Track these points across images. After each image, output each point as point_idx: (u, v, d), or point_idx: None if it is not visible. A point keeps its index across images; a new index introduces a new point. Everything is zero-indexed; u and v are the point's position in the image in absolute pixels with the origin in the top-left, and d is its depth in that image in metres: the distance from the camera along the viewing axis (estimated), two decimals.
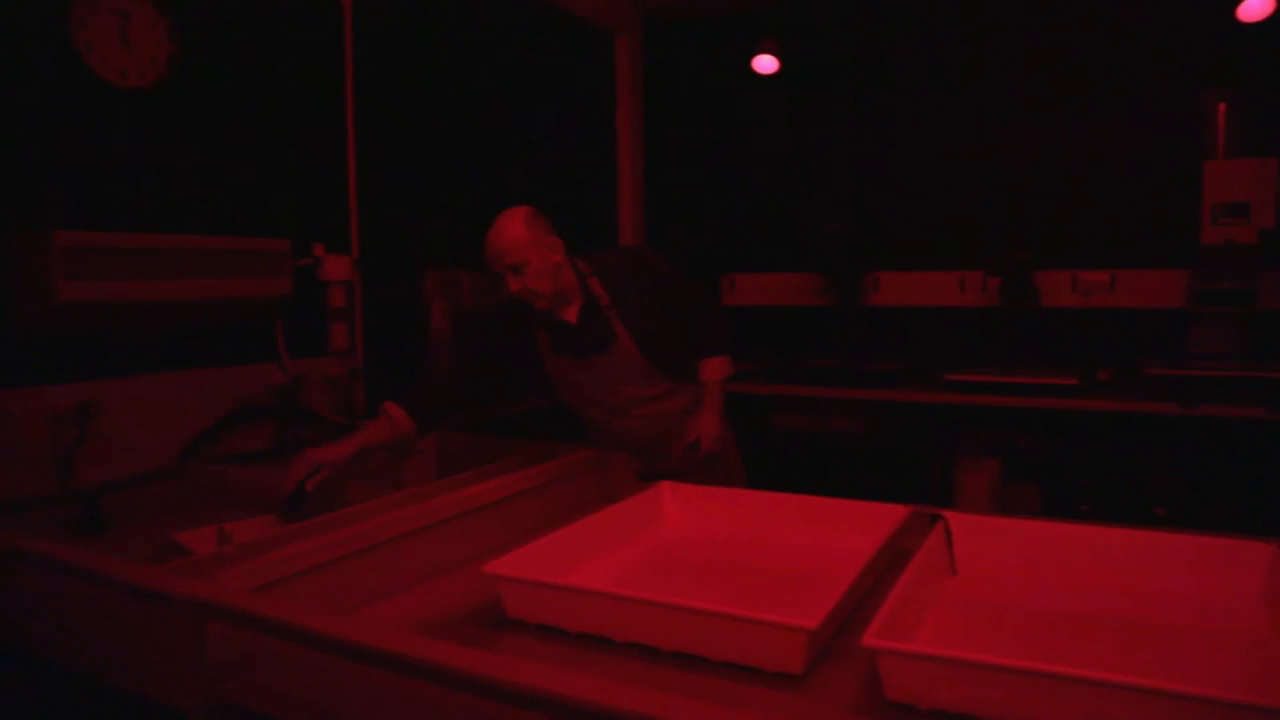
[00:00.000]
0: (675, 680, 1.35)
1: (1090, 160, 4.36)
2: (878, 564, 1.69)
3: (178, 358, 2.72)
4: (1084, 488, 3.84)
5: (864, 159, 4.89)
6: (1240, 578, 1.60)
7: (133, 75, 2.62)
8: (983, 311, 4.55)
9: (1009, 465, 4.02)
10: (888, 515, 1.88)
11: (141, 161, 2.67)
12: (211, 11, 2.84)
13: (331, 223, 3.29)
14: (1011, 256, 4.32)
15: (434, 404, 2.47)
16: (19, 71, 2.37)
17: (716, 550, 1.98)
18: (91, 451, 2.41)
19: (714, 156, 5.29)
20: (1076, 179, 4.40)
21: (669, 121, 5.29)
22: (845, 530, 1.92)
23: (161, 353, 2.69)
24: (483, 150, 4.10)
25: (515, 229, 2.40)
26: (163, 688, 1.56)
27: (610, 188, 5.10)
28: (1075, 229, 4.40)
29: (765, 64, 4.89)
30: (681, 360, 2.65)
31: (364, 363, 3.34)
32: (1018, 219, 4.51)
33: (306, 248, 3.09)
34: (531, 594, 1.56)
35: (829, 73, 4.96)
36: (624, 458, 2.62)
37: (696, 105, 5.31)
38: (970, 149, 4.61)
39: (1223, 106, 3.86)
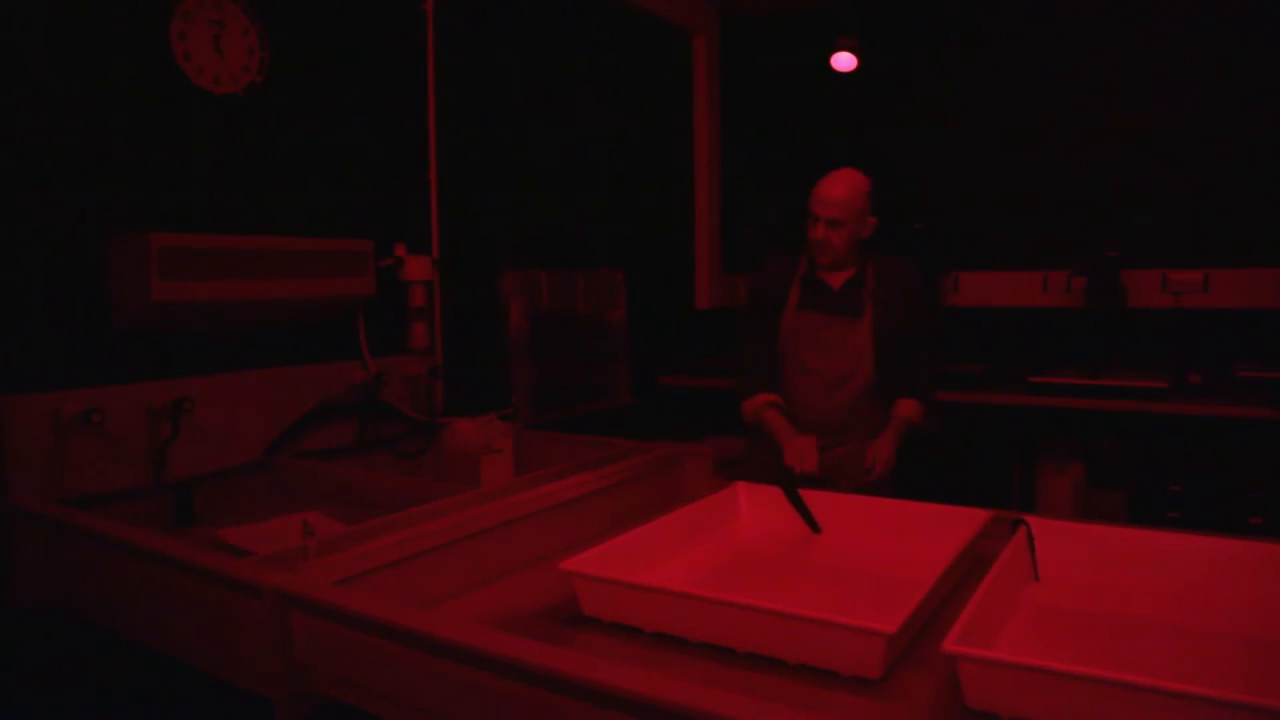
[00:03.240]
0: (750, 682, 1.35)
1: (1181, 153, 4.22)
2: (957, 569, 1.66)
3: (265, 355, 2.80)
4: (1173, 494, 3.72)
5: (944, 156, 4.80)
6: None
7: (226, 81, 2.71)
8: (1067, 312, 4.43)
9: (1094, 470, 3.92)
10: (968, 519, 1.85)
11: (232, 164, 2.76)
12: (299, 18, 2.92)
13: (413, 224, 3.35)
14: (1098, 255, 4.20)
15: (774, 377, 2.79)
16: (122, 81, 2.47)
17: (792, 552, 1.98)
18: (183, 446, 2.49)
19: (791, 154, 5.25)
20: (1166, 173, 4.25)
21: (746, 120, 5.27)
22: (924, 534, 1.89)
23: (249, 351, 2.77)
24: (561, 151, 4.14)
25: (856, 192, 2.68)
26: (249, 675, 1.62)
27: (688, 186, 5.10)
28: (1165, 226, 4.25)
29: (843, 61, 4.84)
30: (894, 375, 2.75)
31: (443, 361, 3.39)
32: (1104, 216, 4.38)
33: (388, 248, 3.15)
34: (607, 592, 1.58)
35: (909, 69, 4.89)
36: (701, 455, 2.61)
37: (774, 103, 5.28)
38: (1054, 143, 4.50)
39: None
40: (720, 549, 1.97)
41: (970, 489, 2.58)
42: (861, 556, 1.91)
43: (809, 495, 2.11)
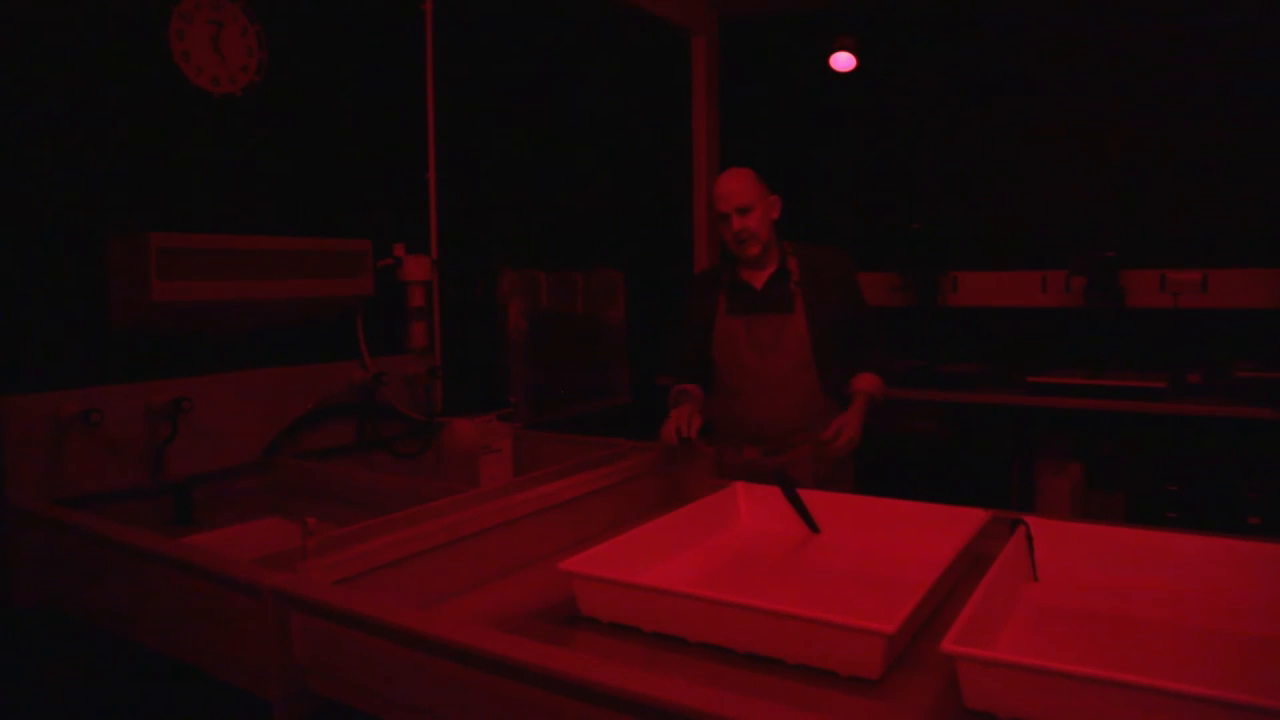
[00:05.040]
0: (749, 682, 1.35)
1: (1180, 153, 4.22)
2: (956, 569, 1.66)
3: (264, 356, 2.80)
4: (1172, 494, 3.72)
5: (943, 156, 4.80)
6: None
7: (225, 82, 2.71)
8: (1066, 312, 4.43)
9: (1092, 470, 3.92)
10: (967, 519, 1.85)
11: (231, 165, 2.76)
12: (298, 18, 2.92)
13: (412, 224, 3.35)
14: (1096, 255, 4.20)
15: (700, 378, 2.81)
16: (122, 81, 2.47)
17: (791, 552, 1.97)
18: (182, 446, 2.49)
19: (790, 155, 5.25)
20: (1165, 173, 4.25)
21: (745, 120, 5.26)
22: (923, 534, 1.89)
23: (249, 351, 2.77)
24: (559, 151, 4.14)
25: (747, 177, 2.72)
26: (248, 675, 1.61)
27: (686, 187, 5.10)
28: (1164, 226, 4.26)
29: (843, 61, 4.84)
30: (836, 363, 2.74)
31: (442, 361, 3.39)
32: (1103, 216, 4.38)
33: (387, 248, 3.15)
34: (606, 592, 1.58)
35: (908, 69, 4.88)
36: (701, 454, 2.61)
37: (773, 104, 5.28)
38: (1053, 143, 4.50)
39: None
40: (720, 549, 1.97)
41: (969, 489, 2.59)
42: (861, 556, 1.91)
43: (808, 495, 2.11)
